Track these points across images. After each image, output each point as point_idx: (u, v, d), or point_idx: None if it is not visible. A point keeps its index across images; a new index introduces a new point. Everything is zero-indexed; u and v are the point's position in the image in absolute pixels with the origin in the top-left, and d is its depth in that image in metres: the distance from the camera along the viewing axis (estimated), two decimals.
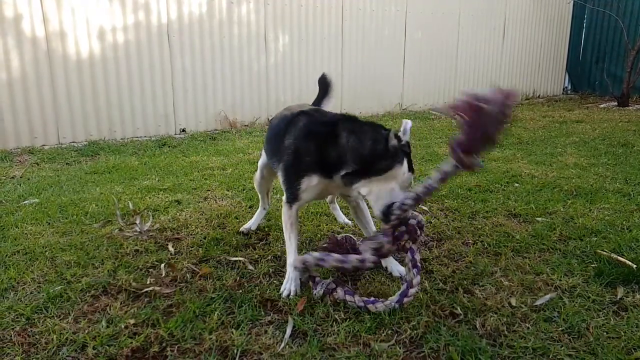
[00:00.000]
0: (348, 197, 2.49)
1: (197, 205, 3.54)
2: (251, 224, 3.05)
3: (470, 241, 2.88)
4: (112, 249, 2.75)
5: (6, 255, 2.64)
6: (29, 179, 4.26)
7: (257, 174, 2.95)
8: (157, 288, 2.30)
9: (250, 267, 2.55)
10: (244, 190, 3.88)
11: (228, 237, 2.91)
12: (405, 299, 2.09)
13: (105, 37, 5.95)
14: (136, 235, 2.91)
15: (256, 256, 2.68)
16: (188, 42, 6.54)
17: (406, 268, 2.13)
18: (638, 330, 1.97)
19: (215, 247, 2.77)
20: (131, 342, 1.89)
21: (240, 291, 2.28)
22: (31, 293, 2.27)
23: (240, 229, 3.02)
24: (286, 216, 2.36)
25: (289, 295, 2.24)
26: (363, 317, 2.06)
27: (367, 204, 2.44)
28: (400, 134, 2.05)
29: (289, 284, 2.28)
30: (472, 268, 2.53)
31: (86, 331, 1.97)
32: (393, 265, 2.47)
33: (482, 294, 2.26)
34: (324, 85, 2.98)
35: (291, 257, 2.34)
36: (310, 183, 2.22)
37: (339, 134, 2.11)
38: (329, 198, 3.18)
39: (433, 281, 2.38)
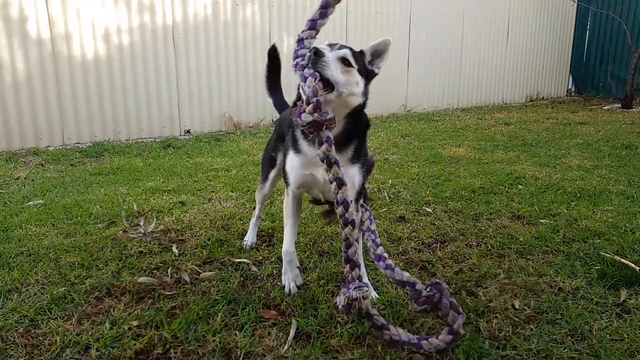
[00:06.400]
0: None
1: (201, 206, 3.54)
2: (251, 237, 2.89)
3: (474, 243, 2.88)
4: (116, 250, 2.76)
5: (10, 257, 2.65)
6: (33, 180, 4.28)
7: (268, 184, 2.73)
8: (160, 288, 2.31)
9: (254, 268, 2.55)
10: (248, 191, 3.89)
11: (232, 239, 2.92)
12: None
13: (111, 39, 5.98)
14: (140, 237, 2.92)
15: (260, 258, 2.68)
16: (193, 43, 6.56)
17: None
18: None
19: (219, 249, 2.78)
20: (135, 344, 1.89)
21: (244, 293, 2.29)
22: (35, 294, 2.28)
23: (243, 245, 2.85)
24: (284, 203, 2.35)
25: (290, 292, 2.26)
26: None
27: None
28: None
29: (286, 277, 2.30)
30: (476, 270, 2.52)
31: (90, 333, 1.97)
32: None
33: (485, 296, 2.25)
34: (274, 58, 2.80)
35: (286, 244, 2.30)
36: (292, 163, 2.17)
37: None
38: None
39: None
